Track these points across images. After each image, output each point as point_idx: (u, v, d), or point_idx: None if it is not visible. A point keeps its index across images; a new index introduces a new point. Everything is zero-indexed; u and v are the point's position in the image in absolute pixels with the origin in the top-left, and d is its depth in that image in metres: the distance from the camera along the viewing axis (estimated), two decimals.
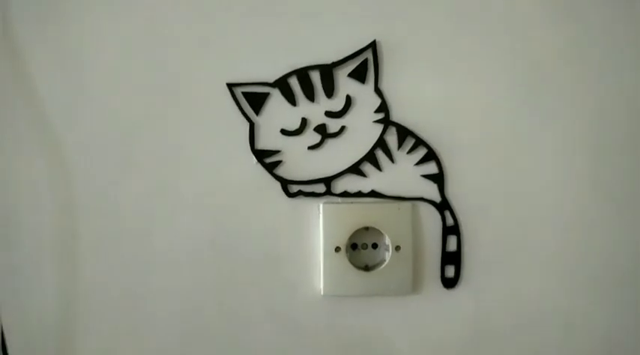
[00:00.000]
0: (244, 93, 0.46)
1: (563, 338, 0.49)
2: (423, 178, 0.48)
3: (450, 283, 0.48)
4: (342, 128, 0.47)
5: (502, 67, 0.48)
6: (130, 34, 0.46)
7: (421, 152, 0.47)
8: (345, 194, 0.47)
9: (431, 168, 0.48)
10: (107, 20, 0.46)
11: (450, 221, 0.48)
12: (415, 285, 0.48)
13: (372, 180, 0.47)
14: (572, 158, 0.48)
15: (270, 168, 0.47)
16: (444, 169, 0.48)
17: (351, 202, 0.47)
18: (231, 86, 0.46)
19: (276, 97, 0.46)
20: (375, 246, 0.49)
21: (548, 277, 0.49)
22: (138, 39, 0.46)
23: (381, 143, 0.47)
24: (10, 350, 0.44)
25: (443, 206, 0.48)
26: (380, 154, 0.47)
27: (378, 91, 0.47)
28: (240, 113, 0.46)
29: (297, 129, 0.47)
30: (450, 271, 0.48)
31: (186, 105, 0.46)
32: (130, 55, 0.46)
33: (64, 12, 0.46)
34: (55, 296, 0.46)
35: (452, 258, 0.48)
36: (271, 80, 0.46)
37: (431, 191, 0.48)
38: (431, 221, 0.48)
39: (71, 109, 0.46)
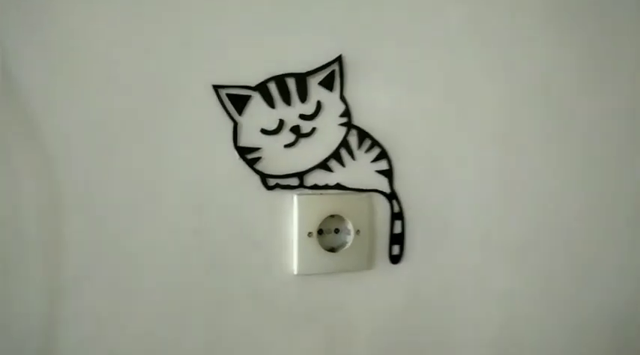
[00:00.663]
0: (228, 95, 0.51)
1: (485, 303, 0.63)
2: (377, 173, 0.57)
3: (395, 259, 0.59)
4: (313, 129, 0.54)
5: (438, 83, 0.59)
6: (119, 37, 0.47)
7: (376, 151, 0.57)
8: (315, 187, 0.55)
9: (383, 165, 0.57)
10: (98, 21, 0.47)
11: (396, 208, 0.58)
12: (370, 262, 0.57)
13: (337, 174, 0.55)
14: (487, 155, 0.61)
15: (251, 163, 0.52)
16: (393, 166, 0.58)
17: (320, 194, 0.55)
18: (216, 88, 0.50)
19: (256, 100, 0.52)
20: (337, 230, 0.57)
21: (475, 254, 0.62)
22: (127, 41, 0.48)
23: (344, 143, 0.55)
24: None
25: (391, 196, 0.58)
26: (344, 153, 0.55)
27: (343, 98, 0.55)
28: (224, 113, 0.51)
29: (274, 129, 0.52)
30: (396, 249, 0.59)
31: (175, 105, 0.49)
32: (119, 57, 0.47)
33: (52, 12, 0.45)
34: (42, 287, 0.46)
35: (397, 239, 0.58)
36: (253, 84, 0.51)
37: (383, 184, 0.57)
38: (382, 208, 0.58)
39: (59, 107, 0.46)
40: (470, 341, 0.62)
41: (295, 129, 0.53)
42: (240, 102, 0.51)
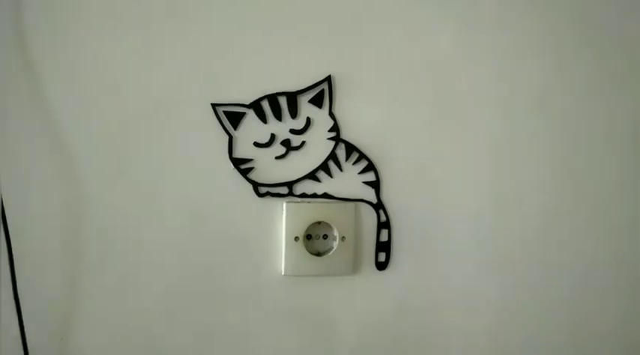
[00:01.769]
0: (225, 112, 0.57)
1: (472, 313, 0.64)
2: (364, 184, 0.61)
3: (381, 266, 0.62)
4: (303, 143, 0.59)
5: (426, 98, 0.62)
6: (131, 64, 0.55)
7: (363, 164, 0.61)
8: (303, 195, 0.60)
9: (370, 176, 0.61)
10: (111, 46, 0.55)
11: (383, 218, 0.62)
12: (355, 267, 0.61)
13: (325, 184, 0.60)
14: (475, 168, 0.63)
15: (244, 173, 0.58)
16: (380, 177, 0.61)
17: (308, 202, 0.60)
18: (214, 106, 0.57)
19: (250, 116, 0.58)
20: (325, 236, 0.61)
21: (463, 263, 0.64)
22: (137, 67, 0.56)
23: (332, 156, 0.60)
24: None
25: (378, 206, 0.62)
26: (331, 164, 0.60)
27: (331, 115, 0.60)
28: (221, 127, 0.57)
29: (267, 142, 0.58)
30: (382, 257, 0.62)
31: (178, 120, 0.56)
32: (131, 81, 0.56)
33: (75, 34, 0.54)
34: (63, 279, 0.55)
35: (384, 247, 0.62)
36: (247, 102, 0.57)
37: (369, 194, 0.61)
38: (369, 217, 0.62)
39: (78, 122, 0.55)
40: (455, 350, 0.64)
41: (286, 143, 0.58)
42: (235, 118, 0.57)
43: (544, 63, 0.65)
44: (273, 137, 0.58)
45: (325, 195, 0.60)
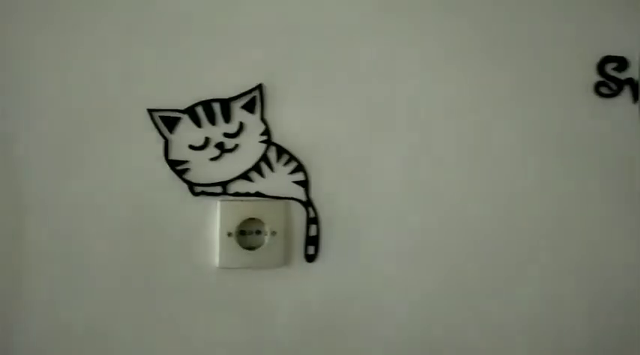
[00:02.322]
0: (161, 117, 0.61)
1: (392, 298, 0.71)
2: (293, 184, 0.66)
3: (310, 258, 0.68)
4: (236, 145, 0.64)
5: (349, 106, 0.67)
6: (72, 68, 0.59)
7: (293, 165, 0.66)
8: (236, 194, 0.64)
9: (300, 176, 0.66)
10: (54, 52, 0.58)
11: (312, 214, 0.67)
12: (286, 260, 0.67)
13: (257, 184, 0.65)
14: (397, 169, 0.69)
15: (180, 173, 0.62)
16: (308, 177, 0.67)
17: (241, 200, 0.65)
18: (151, 111, 0.61)
19: (185, 121, 0.62)
20: (258, 232, 0.66)
21: (381, 253, 0.70)
22: (79, 72, 0.59)
23: (264, 157, 0.65)
24: None
25: (307, 203, 0.67)
26: (263, 165, 0.65)
27: (263, 120, 0.65)
28: (157, 132, 0.61)
29: (201, 145, 0.63)
30: (311, 250, 0.67)
31: (117, 124, 0.60)
32: (72, 84, 0.59)
33: (14, 37, 0.58)
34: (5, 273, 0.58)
35: (313, 241, 0.67)
36: (182, 108, 0.62)
37: (299, 193, 0.67)
38: (299, 214, 0.67)
39: (21, 125, 0.58)
40: (379, 336, 0.70)
41: (220, 146, 0.63)
42: (171, 123, 0.62)
43: (464, 73, 0.71)
44: (207, 140, 0.63)
45: (257, 194, 0.65)
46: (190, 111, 0.62)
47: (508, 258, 0.75)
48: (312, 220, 0.67)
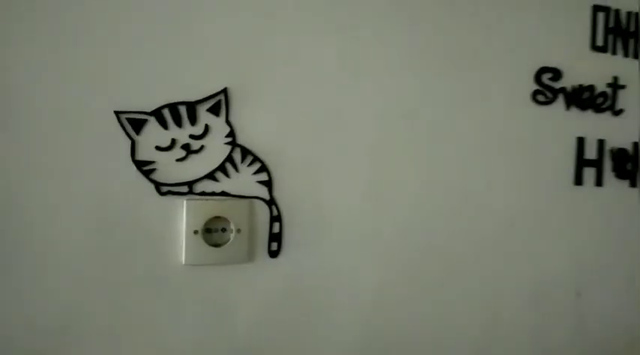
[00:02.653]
0: (128, 119, 0.63)
1: (350, 289, 0.76)
2: (258, 183, 0.70)
3: (274, 254, 0.71)
4: (202, 147, 0.66)
5: (310, 109, 0.72)
6: (43, 71, 0.60)
7: (257, 165, 0.69)
8: (202, 193, 0.67)
9: (263, 176, 0.70)
10: (23, 52, 0.59)
11: (275, 212, 0.71)
12: (250, 256, 0.70)
13: (223, 183, 0.68)
14: (355, 169, 0.74)
15: (147, 174, 0.64)
16: (272, 177, 0.70)
17: (207, 199, 0.67)
18: (117, 113, 0.62)
19: (152, 123, 0.64)
20: (223, 229, 0.69)
21: (340, 248, 0.74)
22: (50, 75, 0.60)
23: (229, 158, 0.68)
24: None
25: (271, 202, 0.70)
26: (228, 166, 0.68)
27: (228, 122, 0.67)
28: (124, 133, 0.63)
29: (168, 147, 0.65)
30: (274, 246, 0.71)
31: (85, 126, 0.61)
32: (44, 87, 0.60)
33: None
34: None
35: (276, 237, 0.71)
36: (149, 110, 0.64)
37: (263, 192, 0.70)
38: (262, 212, 0.70)
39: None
40: (338, 325, 0.75)
41: (186, 147, 0.65)
42: (137, 125, 0.63)
43: (418, 80, 0.77)
44: (173, 141, 0.65)
45: (223, 193, 0.68)
46: (157, 114, 0.64)
47: (457, 250, 0.82)
48: (276, 218, 0.71)
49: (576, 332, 0.90)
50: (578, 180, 0.89)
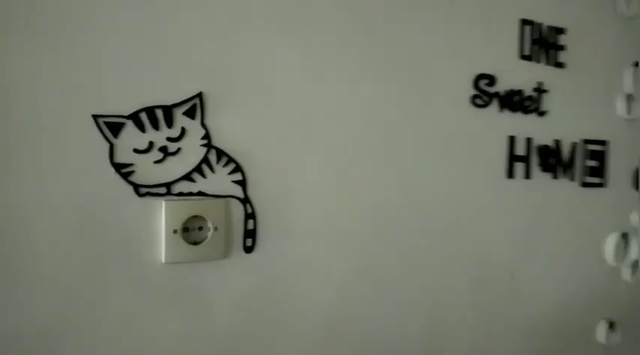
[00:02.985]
0: (105, 122, 0.64)
1: (320, 281, 0.81)
2: (232, 183, 0.73)
3: (249, 250, 0.75)
4: (179, 149, 0.69)
5: (281, 113, 0.76)
6: (18, 69, 0.59)
7: (232, 166, 0.73)
8: (180, 194, 0.69)
9: (238, 176, 0.73)
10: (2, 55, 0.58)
11: (249, 210, 0.75)
12: (227, 252, 0.73)
13: (199, 184, 0.71)
14: (323, 169, 0.80)
15: (125, 176, 0.65)
16: (246, 177, 0.74)
17: (185, 199, 0.70)
18: (95, 117, 0.63)
19: (130, 126, 0.65)
20: (200, 228, 0.72)
21: (311, 243, 0.80)
22: (24, 74, 0.59)
23: (205, 160, 0.71)
24: None
25: (245, 200, 0.74)
26: (204, 167, 0.71)
27: (203, 125, 0.70)
28: (102, 136, 0.64)
29: (145, 149, 0.66)
30: (249, 242, 0.75)
31: (64, 129, 0.62)
32: (24, 92, 0.59)
33: None
34: None
35: (250, 234, 0.75)
36: (126, 114, 0.65)
37: (238, 191, 0.74)
38: (237, 210, 0.74)
39: None
40: (310, 315, 0.80)
41: (163, 149, 0.67)
42: (115, 128, 0.64)
43: (371, 85, 0.84)
44: (151, 144, 0.67)
45: (200, 193, 0.71)
46: (134, 117, 0.65)
47: (412, 241, 0.90)
48: (250, 215, 0.75)
49: (512, 308, 1.02)
50: (510, 174, 1.01)
